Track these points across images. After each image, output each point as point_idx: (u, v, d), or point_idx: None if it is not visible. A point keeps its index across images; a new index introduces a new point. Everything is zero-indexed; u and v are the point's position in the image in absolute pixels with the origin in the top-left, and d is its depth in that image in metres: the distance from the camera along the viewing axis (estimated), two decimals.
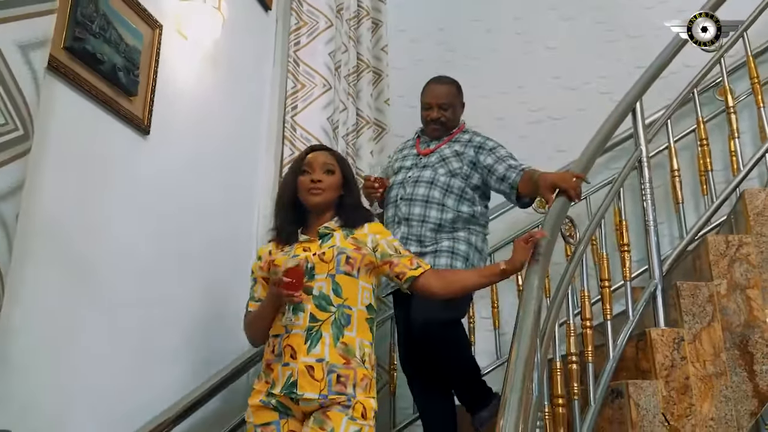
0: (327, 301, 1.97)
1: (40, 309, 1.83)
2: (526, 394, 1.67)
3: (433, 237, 2.61)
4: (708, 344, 2.53)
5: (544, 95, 4.11)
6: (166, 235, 2.39)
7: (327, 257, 2.01)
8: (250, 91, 3.06)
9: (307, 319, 1.95)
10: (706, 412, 2.44)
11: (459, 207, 2.64)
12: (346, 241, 2.07)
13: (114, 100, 2.18)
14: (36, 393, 1.80)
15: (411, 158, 2.81)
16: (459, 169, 2.68)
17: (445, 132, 2.82)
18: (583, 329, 2.42)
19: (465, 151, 2.71)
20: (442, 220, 2.62)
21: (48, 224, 1.87)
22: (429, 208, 2.63)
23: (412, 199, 2.65)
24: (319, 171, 2.13)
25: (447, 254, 2.58)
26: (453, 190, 2.66)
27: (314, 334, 1.93)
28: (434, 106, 2.80)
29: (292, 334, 1.95)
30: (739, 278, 2.62)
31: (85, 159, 2.06)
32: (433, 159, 2.73)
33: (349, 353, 1.94)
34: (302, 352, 1.91)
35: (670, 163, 3.02)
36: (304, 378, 1.89)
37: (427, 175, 2.68)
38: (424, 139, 2.87)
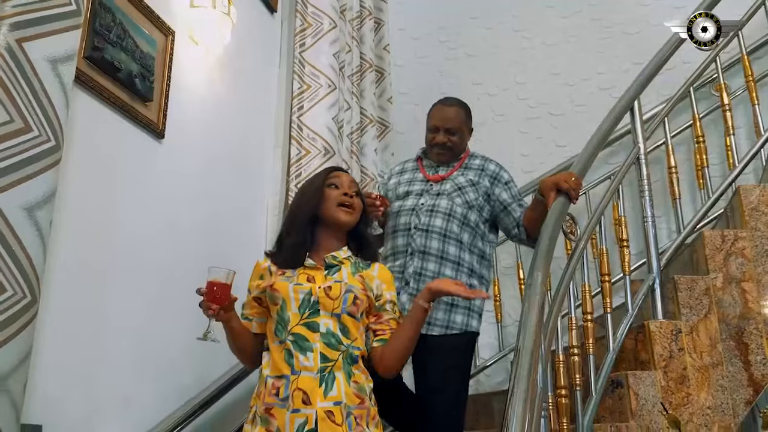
0: (337, 340, 1.82)
1: (68, 309, 1.93)
2: (531, 385, 1.77)
3: (452, 276, 2.44)
4: (705, 336, 2.64)
5: (544, 91, 4.21)
6: (181, 234, 2.49)
7: (333, 293, 1.85)
8: (258, 93, 3.15)
9: (318, 360, 1.78)
10: (702, 400, 2.55)
11: (473, 242, 2.52)
12: (354, 279, 1.92)
13: (131, 105, 2.27)
14: (65, 389, 1.90)
15: (419, 183, 2.62)
16: (475, 200, 2.54)
17: (453, 157, 2.65)
18: (584, 322, 2.53)
19: (480, 180, 2.57)
20: (461, 259, 2.47)
21: (72, 227, 1.96)
22: (447, 243, 2.47)
23: (429, 231, 2.48)
24: (348, 189, 2.00)
25: (464, 311, 2.44)
26: (470, 224, 2.52)
27: (328, 376, 1.78)
28: (441, 129, 2.62)
29: (302, 377, 1.76)
30: (734, 272, 2.73)
31: (104, 163, 2.16)
32: (447, 187, 2.56)
33: (361, 391, 1.82)
34: (318, 397, 1.75)
35: (667, 160, 3.13)
36: (325, 424, 1.73)
37: (443, 205, 2.51)
38: (429, 164, 2.69)
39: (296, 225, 1.97)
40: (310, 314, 1.83)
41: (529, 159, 4.09)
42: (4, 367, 1.43)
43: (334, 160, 3.15)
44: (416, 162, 2.74)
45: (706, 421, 2.53)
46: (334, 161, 3.14)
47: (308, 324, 1.81)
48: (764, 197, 2.82)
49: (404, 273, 2.44)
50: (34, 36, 1.58)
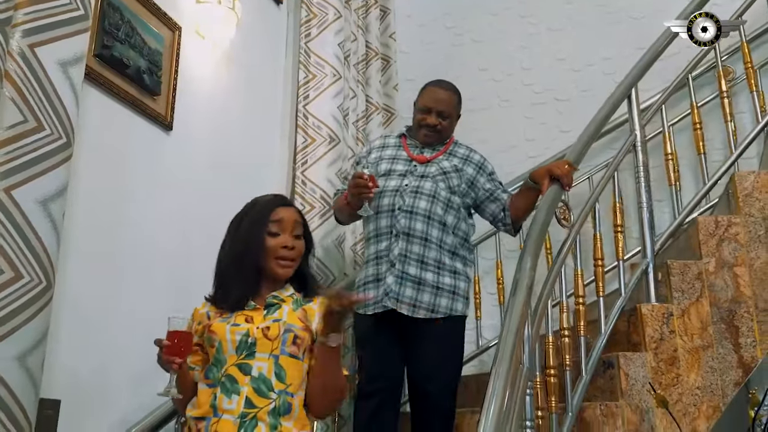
0: (267, 386, 1.72)
1: (83, 293, 2.09)
2: (514, 365, 1.90)
3: (436, 261, 2.51)
4: (696, 319, 2.74)
5: (549, 77, 4.28)
6: (189, 222, 2.64)
7: (272, 334, 1.76)
8: (264, 83, 3.28)
9: (242, 404, 1.69)
10: (692, 381, 2.66)
11: (457, 225, 2.59)
12: (295, 315, 1.82)
13: (139, 100, 2.42)
14: (81, 367, 2.07)
15: (402, 163, 2.64)
16: (458, 186, 2.59)
17: (439, 141, 2.70)
18: (576, 305, 2.64)
19: (464, 168, 2.63)
20: (443, 242, 2.54)
21: (85, 216, 2.12)
22: (431, 225, 2.51)
23: (413, 212, 2.51)
24: (290, 234, 1.86)
25: (449, 294, 2.50)
26: (453, 207, 2.57)
27: (248, 423, 1.68)
28: (433, 111, 2.65)
29: (222, 420, 1.69)
30: (727, 257, 2.82)
31: (114, 155, 2.31)
32: (432, 170, 2.60)
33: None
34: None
35: (664, 147, 3.22)
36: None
37: (428, 188, 2.55)
38: (414, 143, 2.71)
39: (242, 279, 1.84)
40: (246, 356, 1.74)
41: (534, 144, 4.18)
42: (24, 347, 1.59)
43: (339, 148, 3.28)
44: (399, 139, 2.76)
45: (695, 401, 2.64)
46: (339, 149, 3.27)
47: (241, 366, 1.73)
48: (758, 183, 2.90)
49: (389, 255, 2.52)
50: (45, 41, 1.73)
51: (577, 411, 2.50)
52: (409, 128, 2.80)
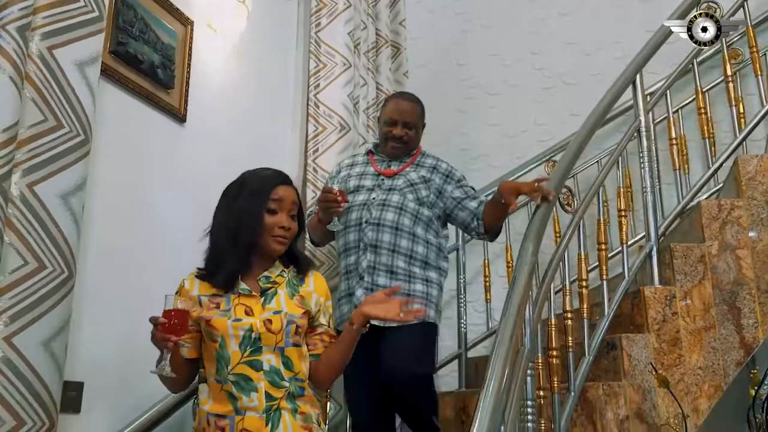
0: (280, 377, 1.78)
1: (104, 281, 2.20)
2: (514, 347, 1.98)
3: (406, 270, 2.53)
4: (698, 300, 2.81)
5: (559, 61, 4.33)
6: (204, 211, 2.72)
7: (275, 328, 1.79)
8: (275, 74, 3.36)
9: (263, 399, 1.74)
10: (694, 362, 2.73)
11: (427, 236, 2.59)
12: (293, 302, 1.86)
13: (154, 94, 2.51)
14: (103, 351, 2.19)
15: (370, 178, 2.67)
16: (426, 197, 2.61)
17: (406, 153, 2.71)
18: (579, 288, 2.71)
19: (432, 178, 2.64)
20: (413, 252, 2.54)
21: (103, 209, 2.22)
22: (399, 236, 2.53)
23: (380, 224, 2.54)
24: (287, 214, 1.90)
25: (422, 301, 2.50)
26: (422, 218, 2.59)
27: (274, 414, 1.75)
28: (399, 123, 2.67)
29: (247, 417, 1.73)
30: (730, 239, 2.88)
31: (131, 148, 2.41)
32: (399, 182, 2.62)
33: (307, 421, 1.81)
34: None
35: (668, 132, 3.26)
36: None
37: (395, 200, 2.58)
38: (381, 158, 2.74)
39: (235, 254, 1.85)
40: (251, 352, 1.76)
41: (544, 128, 4.24)
42: (48, 332, 1.70)
43: (350, 135, 3.36)
44: (367, 156, 2.78)
45: (697, 381, 2.71)
46: (349, 136, 3.35)
47: (251, 363, 1.75)
48: (762, 167, 2.95)
49: (358, 268, 2.54)
50: (63, 43, 1.82)
51: (580, 391, 2.57)
52: (377, 145, 2.82)
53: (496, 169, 4.15)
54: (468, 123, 4.38)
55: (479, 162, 4.29)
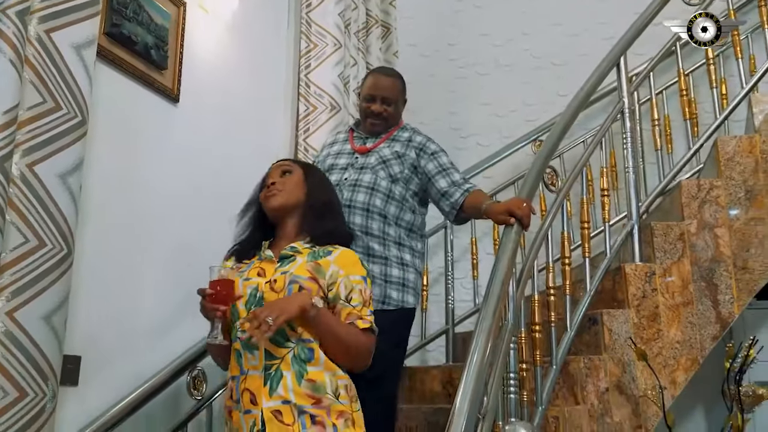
0: (283, 336, 1.74)
1: (100, 258, 2.26)
2: (497, 322, 2.06)
3: (382, 252, 2.48)
4: (677, 277, 2.90)
5: (547, 42, 4.38)
6: (197, 188, 2.80)
7: (278, 286, 1.80)
8: (266, 54, 3.40)
9: (263, 358, 1.74)
10: (672, 336, 2.83)
11: (400, 216, 2.54)
12: (305, 267, 1.83)
13: (148, 74, 2.55)
14: (100, 326, 2.26)
15: (345, 156, 2.63)
16: (400, 173, 2.55)
17: (385, 129, 2.66)
18: (562, 266, 2.79)
19: (406, 152, 2.58)
20: (387, 234, 2.50)
21: (100, 187, 2.28)
22: (371, 218, 2.49)
23: (351, 206, 2.48)
24: (274, 176, 2.01)
25: (398, 287, 2.47)
26: (395, 197, 2.53)
27: (273, 374, 1.72)
28: (377, 98, 2.62)
29: (249, 376, 1.75)
30: (708, 218, 2.96)
31: (126, 127, 2.46)
32: (372, 160, 2.57)
33: (318, 391, 1.73)
34: (264, 396, 1.71)
35: (651, 113, 3.34)
36: (273, 424, 1.69)
37: (366, 180, 2.53)
38: (359, 134, 2.71)
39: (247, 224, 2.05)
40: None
41: (532, 108, 4.30)
42: (48, 307, 1.77)
43: (341, 115, 3.41)
44: (347, 133, 2.76)
45: (674, 354, 2.82)
46: (340, 116, 3.40)
47: None
48: (740, 148, 3.02)
49: None
50: (60, 26, 1.86)
51: (562, 364, 2.67)
52: (358, 122, 2.78)
53: (485, 149, 4.23)
54: (458, 102, 4.44)
55: (469, 141, 4.36)
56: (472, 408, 1.77)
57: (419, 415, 2.93)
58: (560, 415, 2.52)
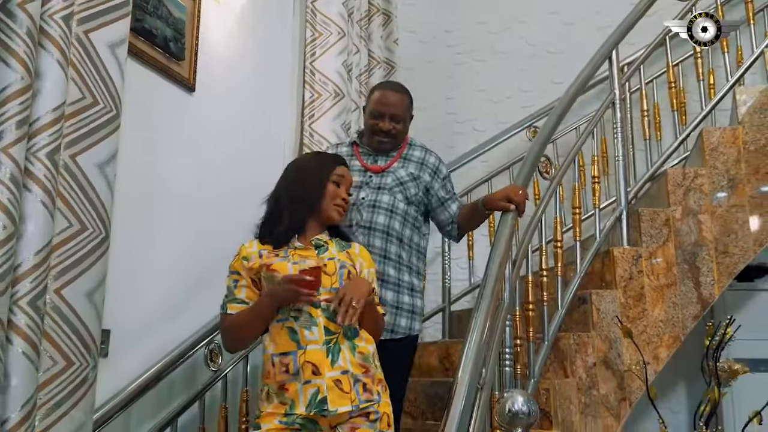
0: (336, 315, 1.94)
1: (121, 240, 2.46)
2: (494, 302, 2.28)
3: (396, 277, 2.53)
4: (662, 260, 3.14)
5: (543, 30, 4.57)
6: (210, 170, 3.00)
7: (330, 270, 2.01)
8: (273, 43, 3.59)
9: (323, 333, 1.94)
10: (656, 315, 3.08)
11: (412, 238, 2.60)
12: (342, 255, 2.09)
13: (166, 65, 2.75)
14: (127, 301, 2.47)
15: (357, 174, 2.58)
16: (415, 196, 2.59)
17: (394, 146, 2.64)
18: (555, 249, 3.02)
19: (420, 174, 2.61)
20: (401, 258, 2.54)
21: (124, 171, 2.46)
22: (390, 242, 2.52)
23: (372, 228, 2.51)
24: (346, 190, 2.20)
25: (407, 314, 2.53)
26: (409, 219, 2.58)
27: (333, 347, 1.94)
28: (386, 116, 2.57)
29: (309, 350, 1.93)
30: (692, 205, 3.20)
31: (147, 115, 2.66)
32: (388, 181, 2.58)
33: (366, 361, 2.00)
34: (326, 367, 1.92)
35: (640, 104, 3.56)
36: (334, 392, 1.90)
37: (385, 201, 2.54)
38: (366, 150, 2.67)
39: (297, 213, 2.10)
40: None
41: (528, 95, 4.50)
42: (90, 285, 1.97)
43: (344, 102, 3.60)
44: (351, 147, 2.70)
45: (658, 332, 3.06)
46: (343, 103, 3.60)
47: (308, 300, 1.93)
48: (724, 139, 3.25)
49: None
50: (96, 27, 2.05)
51: (553, 340, 2.91)
52: (361, 134, 2.74)
53: (481, 134, 4.44)
54: (455, 88, 4.64)
55: (465, 126, 4.57)
56: (473, 379, 2.01)
57: (418, 387, 3.17)
58: (551, 387, 2.75)
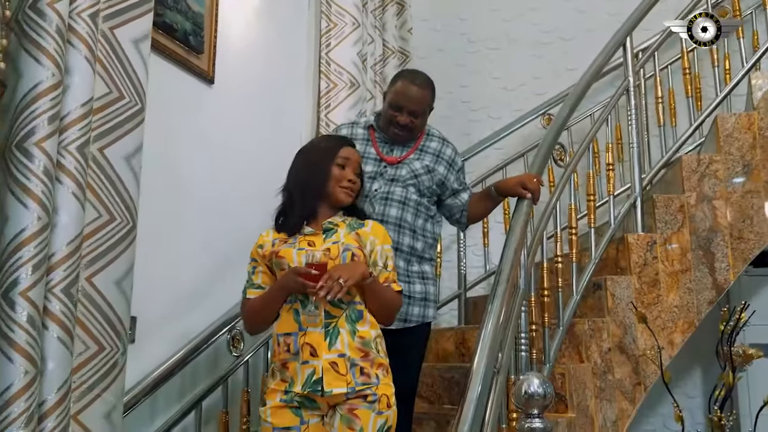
0: (339, 299, 2.01)
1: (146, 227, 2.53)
2: (510, 288, 2.35)
3: (405, 269, 2.54)
4: (677, 246, 3.19)
5: (556, 17, 4.62)
6: (229, 159, 3.08)
7: (333, 254, 2.06)
8: (289, 34, 3.66)
9: (323, 317, 2.02)
10: (671, 300, 3.13)
11: (425, 227, 2.61)
12: (350, 237, 2.13)
13: (186, 59, 2.83)
14: (152, 289, 2.55)
15: (371, 163, 2.59)
16: (428, 189, 2.61)
17: (410, 139, 2.64)
18: (570, 236, 3.08)
19: (436, 167, 2.62)
20: (413, 249, 2.56)
21: (146, 163, 2.54)
22: (402, 234, 2.54)
23: (384, 221, 2.49)
24: (353, 171, 2.20)
25: (420, 302, 2.56)
26: (422, 210, 2.60)
27: (332, 331, 2.02)
28: (405, 110, 2.55)
29: (309, 332, 2.02)
30: (707, 191, 3.25)
31: (167, 106, 2.73)
32: (403, 173, 2.58)
33: (366, 346, 2.05)
34: (323, 349, 2.00)
35: (655, 90, 3.60)
36: (329, 374, 1.98)
37: (398, 193, 2.56)
38: (382, 138, 2.65)
39: (305, 200, 2.16)
40: None
41: (540, 82, 4.55)
42: (119, 274, 2.06)
43: (359, 92, 3.67)
44: (367, 131, 2.68)
45: (672, 318, 3.12)
46: (358, 93, 3.67)
47: None
48: (739, 124, 3.30)
49: None
50: (121, 23, 2.12)
51: (568, 326, 2.98)
52: (378, 116, 2.72)
53: (495, 121, 4.49)
54: (469, 76, 4.69)
55: (480, 114, 4.63)
56: (489, 363, 2.08)
57: (435, 372, 3.25)
58: (566, 372, 2.82)
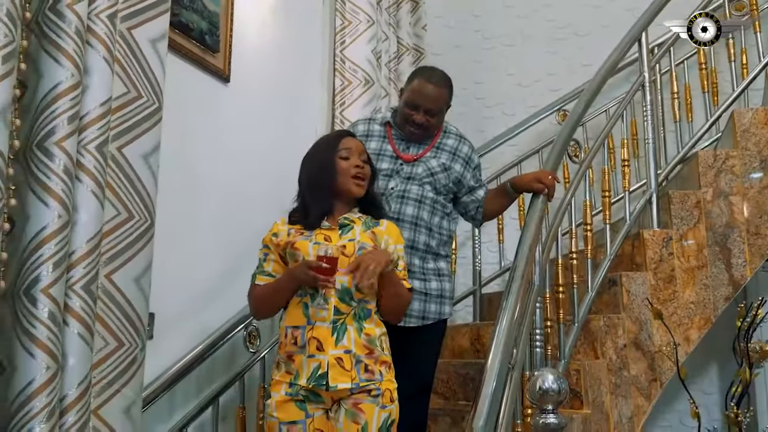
0: (349, 296, 2.10)
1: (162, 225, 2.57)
2: (524, 285, 2.37)
3: (421, 266, 2.57)
4: (693, 242, 3.19)
5: (570, 13, 4.61)
6: (246, 157, 3.11)
7: (348, 251, 2.13)
8: (304, 32, 3.69)
9: (332, 312, 2.07)
10: (687, 297, 3.13)
11: (441, 225, 2.63)
12: (366, 235, 2.19)
13: (202, 57, 2.86)
14: (168, 286, 2.58)
15: (387, 160, 2.61)
16: (444, 187, 2.62)
17: (426, 137, 2.65)
18: (585, 232, 3.09)
19: (452, 165, 2.63)
20: (429, 246, 2.58)
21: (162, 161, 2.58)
22: (418, 232, 2.55)
23: (400, 219, 2.51)
24: (358, 158, 2.24)
25: (437, 299, 2.58)
26: (438, 208, 2.61)
27: (340, 327, 2.08)
28: (421, 109, 2.56)
29: (316, 327, 2.08)
30: (724, 186, 3.24)
31: (184, 105, 2.76)
32: (419, 171, 2.59)
33: (371, 343, 2.11)
34: (330, 345, 2.05)
35: (670, 86, 3.60)
36: (335, 369, 2.04)
37: (414, 192, 2.57)
38: (399, 135, 2.67)
39: (318, 198, 2.22)
40: None
41: (555, 78, 4.54)
42: (137, 271, 2.09)
43: (374, 89, 3.70)
44: (384, 128, 2.69)
45: (688, 314, 3.12)
46: (373, 90, 3.69)
47: None
48: (756, 120, 3.29)
49: None
50: (138, 23, 2.15)
51: (584, 322, 2.98)
52: (395, 112, 2.72)
53: (510, 118, 4.50)
54: (483, 73, 4.69)
55: (494, 110, 4.63)
56: (504, 359, 2.10)
57: (450, 368, 3.27)
58: (581, 368, 2.83)
